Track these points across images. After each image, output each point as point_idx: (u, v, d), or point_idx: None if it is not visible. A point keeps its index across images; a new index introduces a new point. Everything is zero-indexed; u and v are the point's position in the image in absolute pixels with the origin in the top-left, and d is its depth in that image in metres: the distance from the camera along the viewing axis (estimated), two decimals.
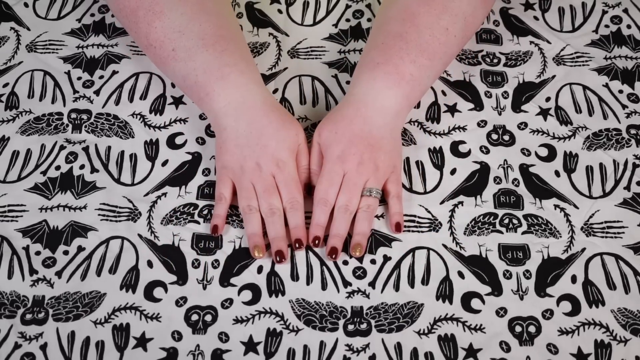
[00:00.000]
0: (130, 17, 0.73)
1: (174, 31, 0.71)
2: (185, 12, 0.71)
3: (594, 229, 0.69)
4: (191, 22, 0.71)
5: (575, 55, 0.82)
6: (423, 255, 0.67)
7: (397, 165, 0.70)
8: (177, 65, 0.71)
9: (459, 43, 0.73)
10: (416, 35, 0.70)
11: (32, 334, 0.62)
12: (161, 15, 0.71)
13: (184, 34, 0.70)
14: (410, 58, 0.70)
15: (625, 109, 0.77)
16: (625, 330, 0.63)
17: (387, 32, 0.72)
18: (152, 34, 0.71)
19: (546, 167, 0.73)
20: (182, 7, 0.71)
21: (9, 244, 0.67)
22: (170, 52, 0.71)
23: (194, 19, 0.71)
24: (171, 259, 0.67)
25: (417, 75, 0.70)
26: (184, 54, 0.70)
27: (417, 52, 0.70)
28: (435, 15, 0.71)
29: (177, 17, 0.71)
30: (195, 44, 0.70)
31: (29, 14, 0.85)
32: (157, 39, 0.71)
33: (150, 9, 0.71)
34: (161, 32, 0.71)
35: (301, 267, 0.66)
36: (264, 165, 0.67)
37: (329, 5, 0.86)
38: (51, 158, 0.73)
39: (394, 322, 0.63)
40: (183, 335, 0.62)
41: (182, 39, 0.70)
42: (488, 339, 0.63)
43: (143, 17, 0.72)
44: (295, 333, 0.63)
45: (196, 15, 0.71)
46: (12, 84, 0.78)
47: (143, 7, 0.72)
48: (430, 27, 0.71)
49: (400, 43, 0.70)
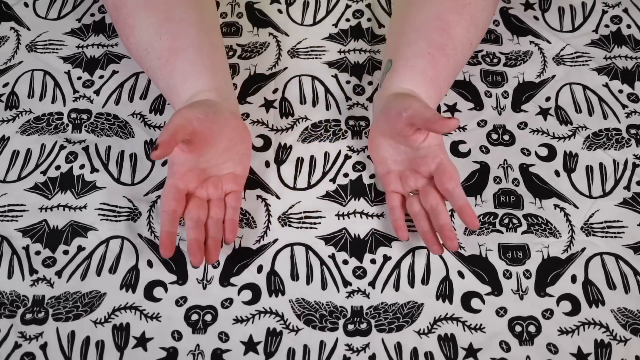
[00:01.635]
0: (116, 26, 0.73)
1: (143, 49, 0.70)
2: (150, 24, 0.70)
3: (594, 229, 0.69)
4: (154, 36, 0.69)
5: (575, 55, 0.82)
6: (423, 255, 0.67)
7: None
8: (153, 80, 0.72)
9: (474, 49, 0.74)
10: (454, 52, 0.70)
11: (32, 334, 0.62)
12: (133, 29, 0.70)
13: (149, 53, 0.70)
14: (449, 74, 0.70)
15: (625, 108, 0.77)
16: (625, 330, 0.63)
17: (430, 40, 0.69)
18: (131, 49, 0.72)
19: (546, 167, 0.73)
20: (149, 18, 0.70)
21: (9, 243, 0.67)
22: (145, 70, 0.72)
23: (157, 32, 0.69)
24: (171, 258, 0.67)
25: (445, 91, 0.71)
26: (151, 74, 0.71)
27: (453, 70, 0.71)
28: (465, 28, 0.70)
29: (144, 32, 0.70)
30: (155, 65, 0.69)
31: (29, 14, 0.85)
32: (135, 55, 0.72)
33: (125, 22, 0.71)
34: (135, 48, 0.71)
35: (301, 267, 0.66)
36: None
37: (329, 5, 0.86)
38: (51, 158, 0.73)
39: (394, 321, 0.63)
40: (183, 335, 0.63)
41: (148, 58, 0.70)
42: (488, 339, 0.63)
43: (121, 29, 0.72)
44: (295, 333, 0.63)
45: (160, 26, 0.69)
46: (12, 84, 0.79)
47: (119, 19, 0.72)
48: (462, 42, 0.70)
49: (444, 59, 0.69)
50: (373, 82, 0.79)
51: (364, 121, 0.76)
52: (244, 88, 0.78)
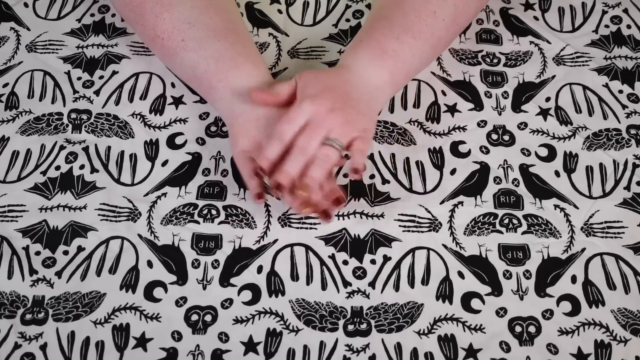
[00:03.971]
0: (137, 10, 0.73)
1: (184, 22, 0.71)
2: (194, 5, 0.72)
3: (594, 229, 0.69)
4: (201, 15, 0.72)
5: (575, 55, 0.82)
6: (423, 255, 0.67)
7: (368, 129, 0.68)
8: (186, 55, 0.71)
9: (448, 28, 0.73)
10: (400, 16, 0.71)
11: (32, 334, 0.62)
12: (170, 7, 0.72)
13: (194, 26, 0.71)
14: (393, 35, 0.71)
15: (625, 109, 0.77)
16: (625, 330, 0.63)
17: (373, 17, 0.74)
18: (160, 25, 0.72)
19: (546, 167, 0.73)
20: (191, 1, 0.72)
21: (9, 244, 0.67)
22: (180, 43, 0.71)
23: (203, 13, 0.72)
24: (171, 259, 0.67)
25: (400, 51, 0.71)
26: (195, 43, 0.71)
27: (401, 30, 0.71)
28: (424, 0, 0.72)
29: (186, 10, 0.72)
30: (206, 34, 0.71)
31: (29, 14, 0.85)
32: (166, 30, 0.72)
33: (159, 1, 0.72)
34: (170, 23, 0.71)
35: (301, 267, 0.66)
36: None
37: (329, 5, 0.86)
38: (51, 158, 0.73)
39: (394, 322, 0.63)
40: (183, 335, 0.63)
41: (192, 30, 0.71)
42: (488, 339, 0.63)
43: (150, 9, 0.72)
44: (295, 333, 0.63)
45: (205, 9, 0.72)
46: (12, 84, 0.79)
47: (150, 0, 0.72)
48: (416, 10, 0.72)
49: (384, 22, 0.72)
50: None
51: None
52: None
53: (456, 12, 0.73)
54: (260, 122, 0.68)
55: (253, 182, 0.68)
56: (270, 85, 0.70)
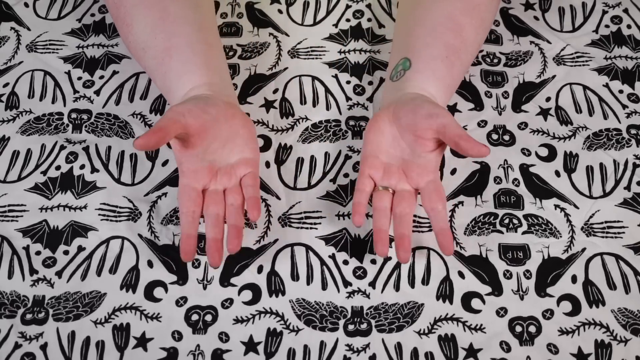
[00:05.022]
0: (117, 24, 0.74)
1: (140, 48, 0.71)
2: (147, 23, 0.70)
3: (594, 229, 0.69)
4: (150, 35, 0.70)
5: (575, 55, 0.82)
6: (423, 255, 0.67)
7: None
8: (152, 77, 0.72)
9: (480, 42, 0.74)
10: (466, 56, 0.70)
11: (32, 334, 0.62)
12: (131, 28, 0.71)
13: (146, 52, 0.70)
14: (460, 78, 0.72)
15: (625, 109, 0.77)
16: (625, 330, 0.63)
17: (446, 43, 0.69)
18: (131, 48, 0.73)
19: (546, 167, 0.73)
20: (145, 18, 0.70)
21: (9, 244, 0.67)
22: (144, 64, 0.72)
23: (153, 31, 0.70)
24: (171, 259, 0.67)
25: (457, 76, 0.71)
26: (150, 73, 0.72)
27: (463, 74, 0.72)
28: (475, 30, 0.71)
29: (141, 30, 0.70)
30: (152, 64, 0.70)
31: (29, 14, 0.85)
32: (134, 54, 0.73)
33: (124, 20, 0.71)
34: (133, 47, 0.72)
35: (301, 267, 0.66)
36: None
37: (329, 5, 0.86)
38: (51, 158, 0.73)
39: (394, 322, 0.63)
40: (183, 335, 0.63)
41: (145, 57, 0.71)
42: (488, 339, 0.63)
43: (120, 27, 0.72)
44: (295, 333, 0.63)
45: (155, 25, 0.70)
46: (12, 84, 0.79)
47: (119, 17, 0.72)
48: (472, 45, 0.71)
49: (458, 64, 0.69)
50: (373, 82, 0.79)
51: (364, 121, 0.76)
52: (244, 88, 0.78)
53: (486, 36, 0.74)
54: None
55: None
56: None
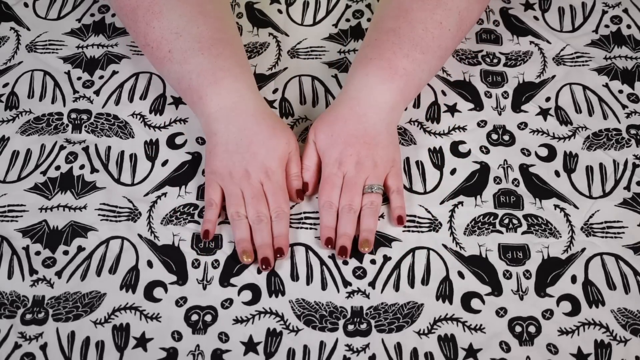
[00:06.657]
0: (130, 15, 0.73)
1: (171, 32, 0.71)
2: (183, 13, 0.71)
3: (594, 229, 0.69)
4: (189, 24, 0.71)
5: (575, 55, 0.82)
6: (423, 255, 0.67)
7: (396, 159, 0.70)
8: (172, 67, 0.71)
9: (454, 37, 0.73)
10: (409, 30, 0.71)
11: (32, 334, 0.62)
12: (160, 15, 0.71)
13: (181, 36, 0.70)
14: (403, 52, 0.70)
15: (625, 109, 0.77)
16: (625, 330, 0.63)
17: (380, 29, 0.73)
18: (150, 34, 0.72)
19: (546, 167, 0.73)
20: (181, 8, 0.71)
21: (9, 244, 0.67)
22: (167, 54, 0.71)
23: (192, 21, 0.71)
24: (171, 259, 0.67)
25: (411, 69, 0.71)
26: (180, 56, 0.70)
27: (410, 46, 0.71)
28: (429, 10, 0.71)
29: (175, 18, 0.71)
30: (191, 46, 0.70)
31: (29, 14, 0.85)
32: (155, 39, 0.71)
33: (150, 8, 0.71)
34: (159, 32, 0.71)
35: (301, 267, 0.66)
36: (253, 173, 0.68)
37: (329, 5, 0.86)
38: (51, 158, 0.73)
39: (394, 322, 0.63)
40: (183, 335, 0.62)
41: (178, 41, 0.70)
42: (488, 339, 0.63)
43: (142, 16, 0.72)
44: (295, 333, 0.63)
45: (195, 17, 0.71)
46: (12, 84, 0.79)
47: (142, 6, 0.72)
48: (423, 22, 0.71)
49: (393, 38, 0.71)
50: None
51: None
52: None
53: (460, 20, 0.73)
54: (229, 147, 0.68)
55: (210, 212, 0.68)
56: (290, 161, 0.70)
